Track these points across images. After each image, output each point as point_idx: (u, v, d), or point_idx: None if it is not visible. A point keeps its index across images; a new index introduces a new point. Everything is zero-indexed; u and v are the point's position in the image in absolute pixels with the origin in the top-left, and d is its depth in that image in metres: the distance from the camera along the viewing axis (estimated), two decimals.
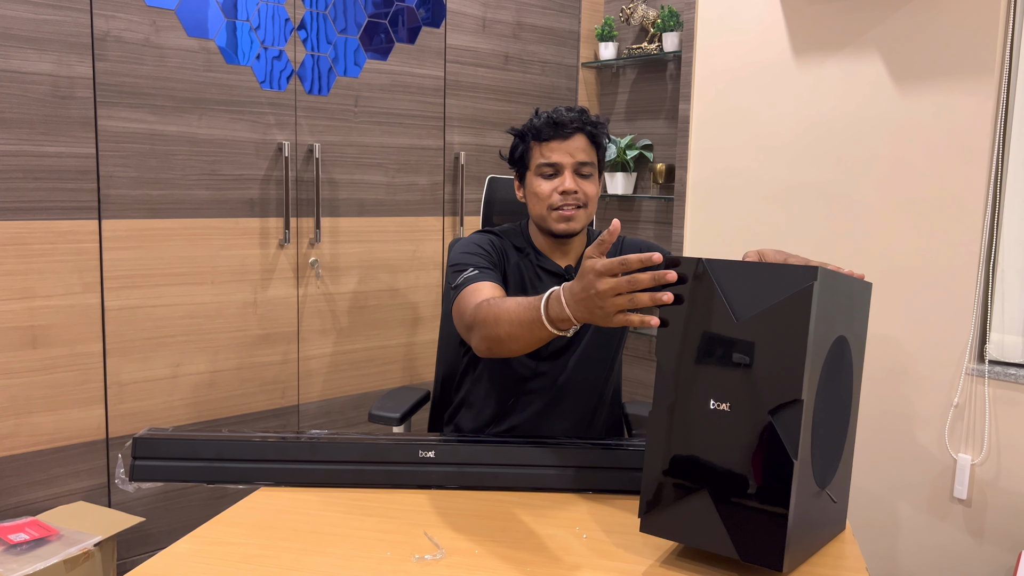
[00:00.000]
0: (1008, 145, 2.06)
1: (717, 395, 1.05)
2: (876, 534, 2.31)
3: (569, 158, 1.55)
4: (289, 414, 2.49)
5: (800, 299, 1.00)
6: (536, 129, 1.57)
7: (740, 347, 1.04)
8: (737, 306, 1.04)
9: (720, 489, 1.05)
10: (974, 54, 2.06)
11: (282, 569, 1.07)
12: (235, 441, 1.31)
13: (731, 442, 1.04)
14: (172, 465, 1.29)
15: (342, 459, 1.31)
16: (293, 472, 1.31)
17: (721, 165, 2.63)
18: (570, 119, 1.55)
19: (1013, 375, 2.02)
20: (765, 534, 1.01)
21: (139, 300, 2.17)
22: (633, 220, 3.15)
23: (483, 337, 1.35)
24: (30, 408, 2.03)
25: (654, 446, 1.11)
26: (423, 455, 1.31)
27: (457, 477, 1.31)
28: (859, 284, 1.17)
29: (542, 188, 1.56)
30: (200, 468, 1.30)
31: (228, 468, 1.30)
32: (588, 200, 1.57)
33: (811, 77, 2.38)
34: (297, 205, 2.42)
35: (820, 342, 1.03)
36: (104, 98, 2.06)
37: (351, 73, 2.48)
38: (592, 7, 3.15)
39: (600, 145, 1.60)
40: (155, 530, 2.26)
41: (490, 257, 1.59)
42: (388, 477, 1.31)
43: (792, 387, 1.00)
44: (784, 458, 1.01)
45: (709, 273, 1.06)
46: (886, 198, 2.25)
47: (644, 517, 1.11)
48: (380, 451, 1.31)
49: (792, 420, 1.01)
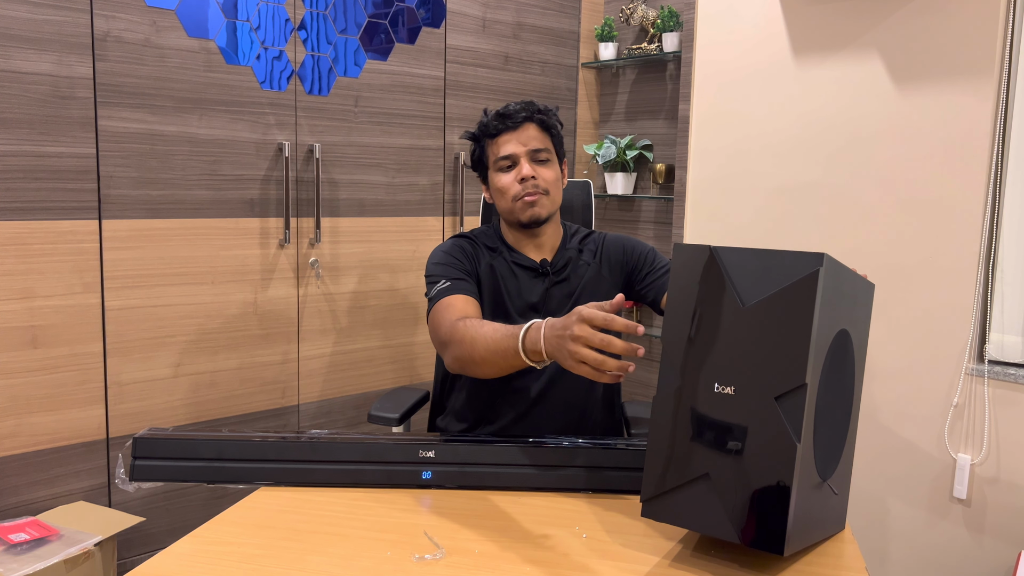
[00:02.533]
0: (1008, 145, 2.06)
1: (722, 379, 1.06)
2: (876, 534, 2.31)
3: (522, 147, 1.57)
4: (289, 414, 2.49)
5: (806, 284, 1.01)
6: (485, 126, 1.61)
7: (746, 332, 1.05)
8: (744, 292, 1.05)
9: (722, 473, 1.05)
10: (974, 54, 2.06)
11: (282, 569, 1.07)
12: (235, 441, 1.31)
13: (735, 426, 1.05)
14: (172, 465, 1.29)
15: (342, 459, 1.31)
16: (293, 472, 1.31)
17: (721, 165, 2.63)
18: (516, 110, 1.58)
19: (1013, 375, 2.02)
20: (767, 518, 1.02)
21: (139, 300, 2.17)
22: (633, 220, 3.15)
23: (456, 357, 1.39)
24: (30, 408, 2.03)
25: (657, 430, 1.11)
26: (423, 455, 1.31)
27: (457, 477, 1.31)
28: (863, 282, 1.17)
29: (503, 181, 1.59)
30: (200, 468, 1.30)
31: (228, 468, 1.30)
32: (548, 185, 1.58)
33: (811, 77, 2.38)
34: (297, 205, 2.42)
35: (824, 330, 1.04)
36: (104, 98, 2.06)
37: (351, 73, 2.48)
38: (592, 7, 3.15)
39: (552, 131, 1.62)
40: (155, 530, 2.26)
41: (462, 265, 1.60)
42: (388, 477, 1.31)
43: (797, 372, 1.01)
44: (787, 441, 1.01)
45: (717, 260, 1.07)
46: (886, 198, 2.25)
47: (646, 503, 1.12)
48: (380, 451, 1.31)
49: (796, 404, 1.01)
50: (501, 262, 1.64)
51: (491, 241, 1.67)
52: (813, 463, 1.06)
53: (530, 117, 1.59)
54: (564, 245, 1.67)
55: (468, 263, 1.62)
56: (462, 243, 1.65)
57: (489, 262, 1.64)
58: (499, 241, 1.67)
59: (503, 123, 1.58)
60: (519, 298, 1.62)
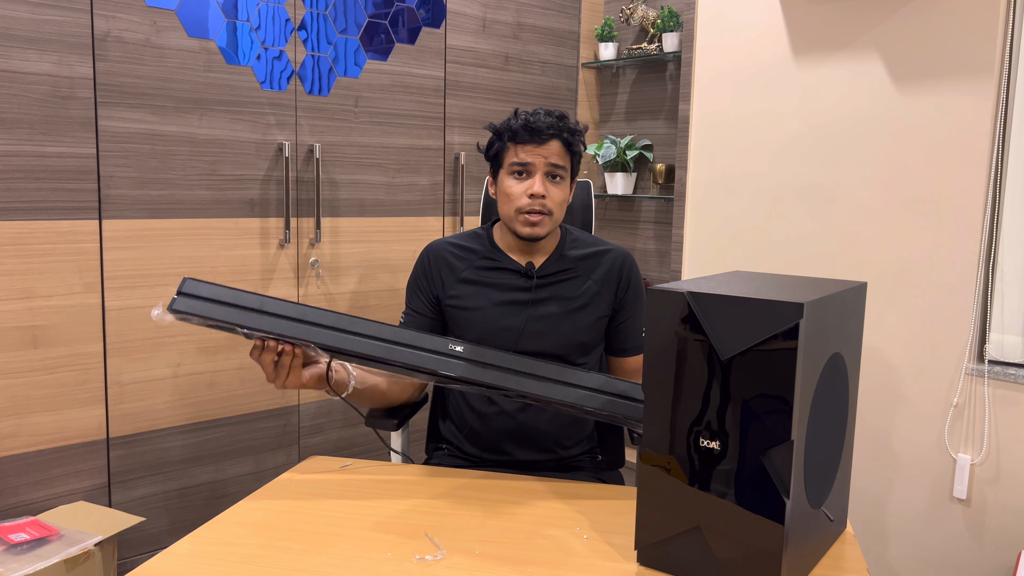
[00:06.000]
0: (1008, 145, 2.06)
1: (706, 434, 1.04)
2: (876, 534, 2.31)
3: (541, 160, 1.56)
4: (289, 414, 2.49)
5: (786, 337, 0.97)
6: (512, 131, 1.59)
7: (727, 385, 1.02)
8: (722, 343, 1.02)
9: (714, 526, 1.04)
10: (974, 54, 2.06)
11: (282, 569, 1.07)
12: (279, 300, 1.34)
13: (722, 481, 1.03)
14: (213, 305, 1.30)
15: (376, 336, 1.33)
16: (327, 336, 1.32)
17: (721, 165, 2.63)
18: (547, 125, 1.56)
19: (1013, 375, 2.02)
20: (759, 570, 1.01)
21: (139, 300, 2.17)
22: (633, 220, 3.15)
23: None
24: (30, 408, 2.03)
25: (645, 484, 1.10)
26: (452, 348, 1.35)
27: (479, 374, 1.34)
28: (852, 291, 1.15)
29: (513, 188, 1.58)
30: (238, 313, 1.31)
31: (266, 319, 1.31)
32: (554, 206, 1.58)
33: (811, 77, 2.38)
34: (297, 205, 2.42)
35: (811, 372, 1.02)
36: (104, 98, 2.06)
37: (351, 73, 2.48)
38: (592, 7, 3.15)
39: (575, 152, 1.61)
40: (155, 530, 2.26)
41: (419, 296, 1.68)
42: (415, 359, 1.33)
43: (782, 428, 0.99)
44: (775, 497, 1.00)
45: (693, 308, 1.04)
46: (886, 198, 2.25)
47: (642, 550, 1.11)
48: (412, 337, 1.35)
49: (783, 460, 0.99)
50: (488, 264, 1.65)
51: (478, 243, 1.68)
52: (805, 499, 1.05)
53: (558, 135, 1.57)
54: (560, 252, 1.66)
55: (428, 286, 1.68)
56: (426, 261, 1.69)
57: (472, 266, 1.65)
58: (488, 243, 1.67)
59: (531, 136, 1.56)
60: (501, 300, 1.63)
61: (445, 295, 1.66)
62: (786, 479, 0.99)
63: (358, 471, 1.44)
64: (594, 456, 1.70)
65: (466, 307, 1.64)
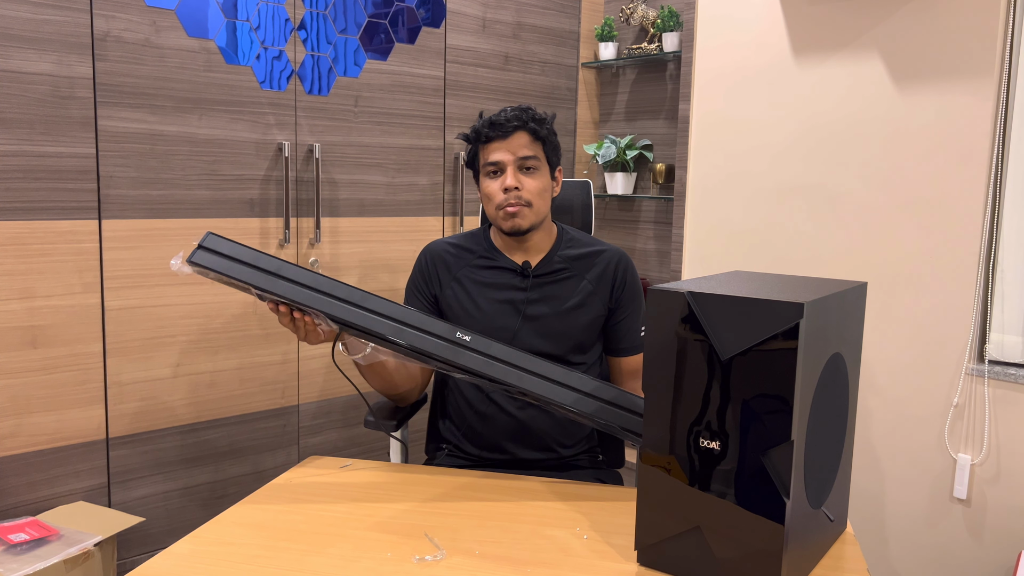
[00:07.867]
0: (1008, 145, 2.06)
1: (706, 434, 1.04)
2: (876, 534, 2.31)
3: (510, 155, 1.58)
4: (289, 414, 2.49)
5: (786, 337, 0.97)
6: (478, 132, 1.61)
7: (727, 385, 1.02)
8: (722, 344, 1.02)
9: (714, 527, 1.04)
10: (974, 54, 2.06)
11: (282, 569, 1.07)
12: (297, 266, 1.35)
13: (722, 481, 1.03)
14: (231, 263, 1.32)
15: (386, 314, 1.34)
16: (338, 308, 1.33)
17: (721, 165, 2.63)
18: (507, 118, 1.58)
19: (1013, 375, 2.02)
20: (759, 570, 1.01)
21: (139, 300, 2.17)
22: (633, 220, 3.15)
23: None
24: (30, 408, 2.03)
25: (645, 484, 1.10)
26: (459, 337, 1.36)
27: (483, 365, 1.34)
28: (852, 291, 1.15)
29: (489, 188, 1.61)
30: (255, 274, 1.32)
31: (281, 283, 1.32)
32: (532, 196, 1.58)
33: (811, 77, 2.38)
34: (297, 205, 2.42)
35: (811, 372, 1.02)
36: (104, 98, 2.06)
37: (351, 73, 2.48)
38: (592, 7, 3.15)
39: (544, 139, 1.61)
40: (155, 530, 2.26)
41: (418, 296, 1.70)
42: (421, 342, 1.34)
43: (782, 429, 0.99)
44: (775, 498, 1.00)
45: (694, 308, 1.04)
46: (886, 198, 2.25)
47: (642, 550, 1.11)
48: (423, 321, 1.36)
49: (783, 461, 0.99)
50: (484, 264, 1.66)
51: (475, 244, 1.69)
52: (805, 499, 1.05)
53: (522, 126, 1.58)
54: (556, 250, 1.67)
55: (426, 286, 1.70)
56: (424, 262, 1.71)
57: (467, 266, 1.67)
58: (485, 244, 1.68)
59: (494, 131, 1.58)
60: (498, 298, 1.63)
61: (443, 294, 1.67)
62: (786, 479, 0.99)
63: (358, 471, 1.44)
64: (594, 456, 1.70)
65: (463, 305, 1.64)
